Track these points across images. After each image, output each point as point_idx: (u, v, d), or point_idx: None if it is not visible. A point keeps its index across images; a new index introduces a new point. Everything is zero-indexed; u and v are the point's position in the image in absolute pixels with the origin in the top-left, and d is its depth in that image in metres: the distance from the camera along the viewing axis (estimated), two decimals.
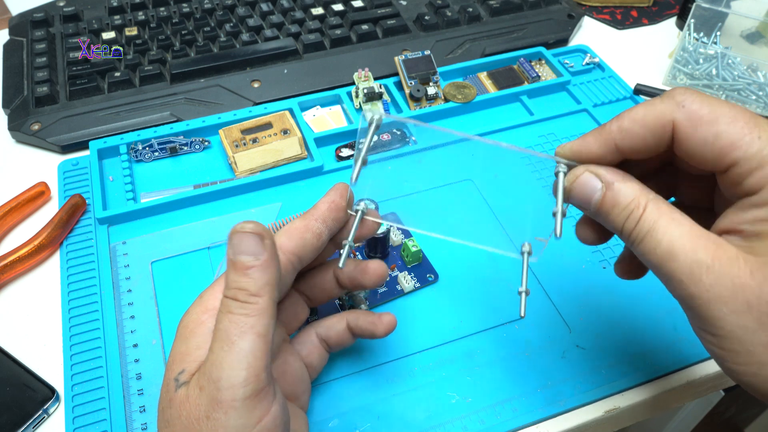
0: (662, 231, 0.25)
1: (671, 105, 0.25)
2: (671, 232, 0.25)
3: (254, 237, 0.25)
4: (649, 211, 0.25)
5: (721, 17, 0.58)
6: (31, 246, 0.42)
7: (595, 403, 0.36)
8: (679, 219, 0.25)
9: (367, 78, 0.55)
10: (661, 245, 0.25)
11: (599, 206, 0.27)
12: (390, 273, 0.41)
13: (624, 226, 0.26)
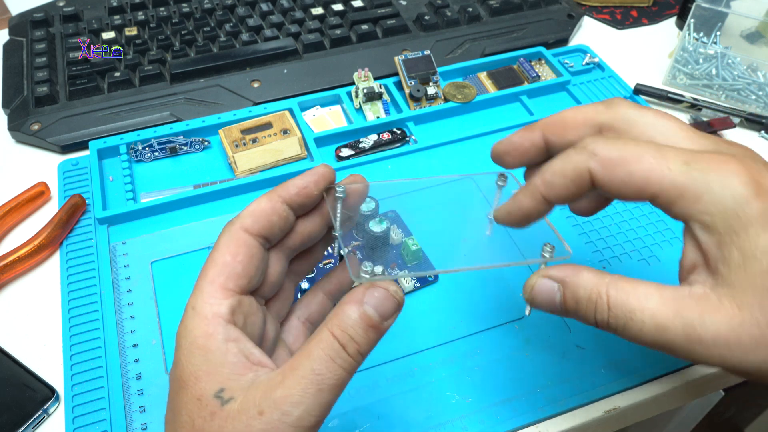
0: (639, 310, 0.25)
1: (584, 155, 0.27)
2: (647, 306, 0.25)
3: (395, 302, 0.26)
4: (614, 296, 0.26)
5: (721, 17, 0.58)
6: (31, 246, 0.42)
7: (595, 403, 0.36)
8: (647, 290, 0.26)
9: (367, 78, 0.55)
10: (645, 325, 0.25)
11: (564, 307, 0.28)
12: (390, 272, 0.41)
13: (597, 319, 0.26)
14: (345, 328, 0.25)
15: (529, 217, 0.29)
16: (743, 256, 0.24)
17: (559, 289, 0.27)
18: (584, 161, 0.27)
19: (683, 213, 0.25)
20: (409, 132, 0.52)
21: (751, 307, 0.23)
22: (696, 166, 0.25)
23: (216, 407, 0.24)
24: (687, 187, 0.25)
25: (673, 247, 0.44)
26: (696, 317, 0.24)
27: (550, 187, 0.28)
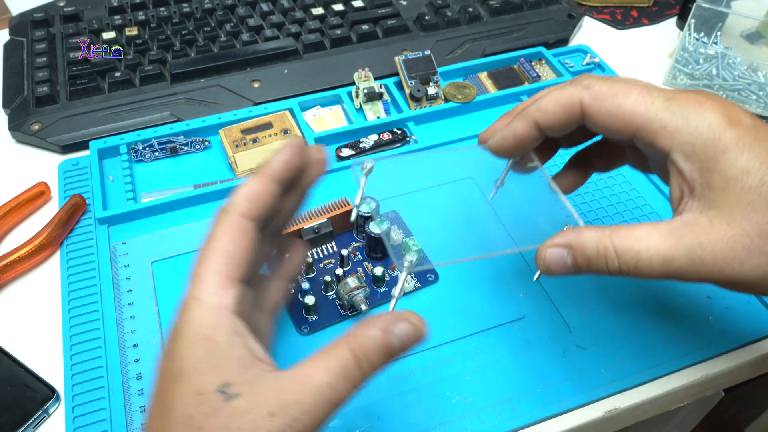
0: (644, 250, 0.27)
1: (578, 88, 0.30)
2: (650, 244, 0.27)
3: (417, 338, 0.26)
4: (618, 244, 0.28)
5: (721, 17, 0.58)
6: (31, 246, 0.42)
7: (596, 403, 0.36)
8: (645, 230, 0.28)
9: (367, 78, 0.55)
10: (653, 260, 0.27)
11: (577, 266, 0.29)
12: (390, 273, 0.41)
13: (609, 268, 0.28)
14: (366, 350, 0.25)
15: (519, 142, 0.32)
16: (724, 178, 0.26)
17: (568, 254, 0.29)
18: (578, 93, 0.29)
19: (665, 145, 0.28)
20: (410, 132, 0.52)
21: (740, 221, 0.26)
22: (675, 102, 0.28)
23: (218, 403, 0.23)
24: (668, 120, 0.27)
25: None
26: (694, 241, 0.27)
27: (544, 114, 0.30)
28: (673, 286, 0.41)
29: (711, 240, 0.26)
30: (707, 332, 0.39)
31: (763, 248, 0.26)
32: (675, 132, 0.27)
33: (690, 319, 0.40)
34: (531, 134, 0.31)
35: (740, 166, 0.26)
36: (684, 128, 0.27)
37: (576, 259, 0.29)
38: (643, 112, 0.28)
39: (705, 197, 0.27)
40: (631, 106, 0.28)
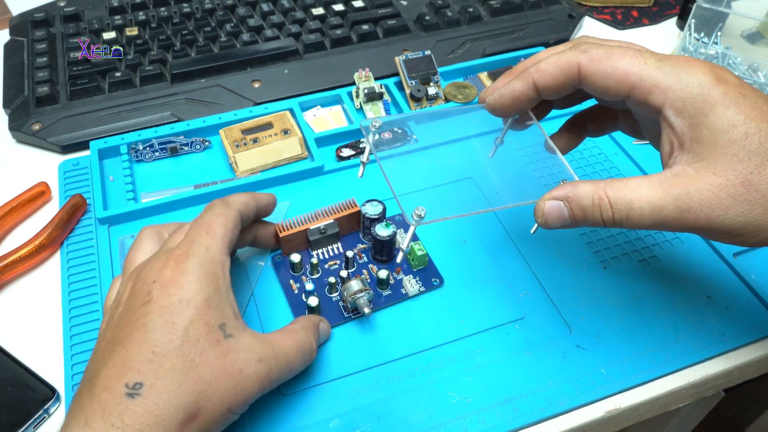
0: (635, 199, 0.29)
1: (576, 52, 0.31)
2: (641, 194, 0.29)
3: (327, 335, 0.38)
4: (612, 194, 0.30)
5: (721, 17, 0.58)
6: (31, 246, 0.42)
7: (596, 404, 0.36)
8: (636, 181, 0.30)
9: (367, 78, 0.55)
10: (644, 209, 0.29)
11: (573, 218, 0.31)
12: (395, 276, 0.41)
13: (604, 219, 0.30)
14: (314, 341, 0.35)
15: (516, 101, 0.34)
16: (712, 131, 0.28)
17: (565, 206, 0.31)
18: (576, 56, 0.31)
19: (658, 101, 0.29)
20: (410, 132, 0.52)
21: (725, 171, 0.28)
22: (667, 62, 0.30)
23: (220, 337, 0.29)
24: (660, 78, 0.29)
25: (673, 246, 0.44)
26: (682, 190, 0.28)
27: (542, 74, 0.32)
28: (674, 286, 0.41)
29: (698, 189, 0.28)
30: (708, 332, 0.39)
31: (746, 196, 0.28)
32: (667, 89, 0.29)
33: (690, 320, 0.40)
34: (528, 95, 0.33)
35: (727, 120, 0.28)
36: (675, 85, 0.29)
37: (573, 211, 0.31)
38: (637, 72, 0.30)
39: (693, 150, 0.29)
40: (626, 67, 0.30)
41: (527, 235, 0.44)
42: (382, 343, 0.38)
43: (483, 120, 0.38)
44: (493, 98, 0.35)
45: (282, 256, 0.42)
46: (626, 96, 0.31)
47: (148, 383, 0.27)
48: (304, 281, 0.41)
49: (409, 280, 0.41)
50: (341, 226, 0.42)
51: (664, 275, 0.42)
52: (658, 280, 0.42)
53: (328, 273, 0.41)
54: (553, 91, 0.33)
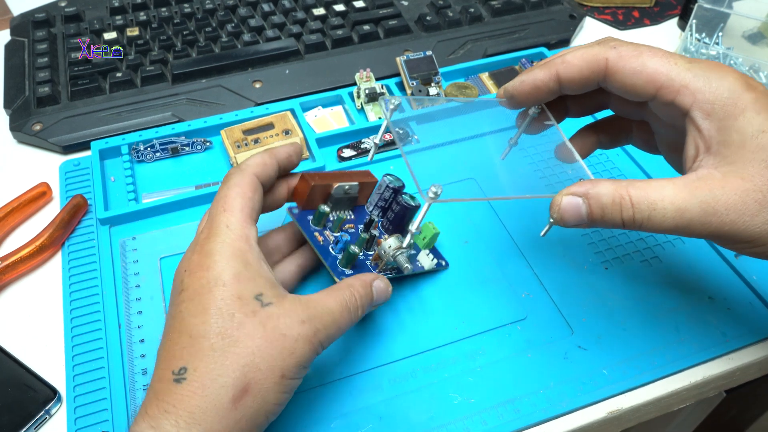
0: (659, 200, 0.28)
1: (605, 47, 0.31)
2: (665, 194, 0.28)
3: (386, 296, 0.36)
4: (634, 193, 0.29)
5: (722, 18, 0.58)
6: (32, 246, 0.42)
7: (598, 404, 0.36)
8: (660, 182, 0.29)
9: (368, 78, 0.55)
10: (667, 211, 0.28)
11: (591, 216, 0.30)
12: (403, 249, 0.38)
13: (623, 218, 0.29)
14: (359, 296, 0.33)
15: (536, 90, 0.33)
16: (741, 135, 0.28)
17: (584, 202, 0.30)
18: (604, 51, 0.31)
19: (686, 102, 0.29)
20: (411, 132, 0.52)
21: (753, 177, 0.27)
22: (697, 65, 0.29)
23: (257, 307, 0.29)
24: (690, 80, 0.29)
25: (675, 247, 0.44)
26: (708, 193, 0.28)
27: (567, 66, 0.32)
28: (676, 287, 0.41)
29: (725, 192, 0.28)
30: (709, 333, 0.39)
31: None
32: (696, 91, 0.29)
33: (692, 320, 0.40)
34: (549, 85, 0.33)
35: (756, 125, 0.28)
36: (705, 88, 0.28)
37: (591, 209, 0.30)
38: (667, 71, 0.29)
39: (721, 153, 0.28)
40: (655, 66, 0.30)
41: (529, 235, 0.44)
42: (384, 343, 0.38)
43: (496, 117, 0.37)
44: (513, 85, 0.34)
45: (299, 209, 0.39)
46: (652, 96, 0.30)
47: (191, 366, 0.28)
48: (327, 235, 0.38)
49: (426, 254, 0.41)
50: (360, 193, 0.40)
51: (665, 276, 0.42)
52: (660, 281, 0.42)
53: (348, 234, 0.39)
54: (576, 85, 0.32)
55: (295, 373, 0.29)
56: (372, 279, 0.34)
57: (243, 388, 0.27)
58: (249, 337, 0.28)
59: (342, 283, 0.33)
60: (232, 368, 0.27)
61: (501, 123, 0.39)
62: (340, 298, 0.32)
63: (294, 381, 0.29)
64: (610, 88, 0.32)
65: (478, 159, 0.49)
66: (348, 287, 0.33)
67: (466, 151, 0.50)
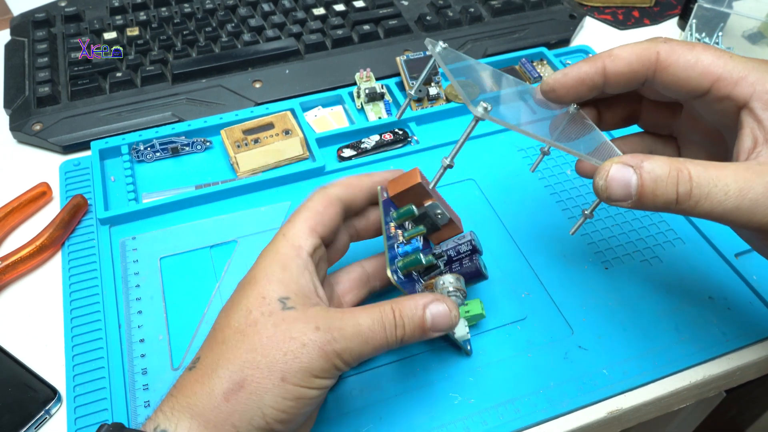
0: (722, 176, 0.27)
1: (656, 42, 0.31)
2: (729, 173, 0.27)
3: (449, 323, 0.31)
4: (694, 169, 0.27)
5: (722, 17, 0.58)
6: (32, 246, 0.42)
7: (598, 404, 0.36)
8: (717, 163, 0.27)
9: (368, 78, 0.55)
10: (730, 189, 0.27)
11: (642, 190, 0.28)
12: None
13: (679, 192, 0.27)
14: (404, 315, 0.30)
15: (581, 82, 0.32)
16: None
17: (635, 173, 0.28)
18: (655, 45, 0.30)
19: (745, 94, 0.29)
20: (411, 132, 0.52)
21: None
22: (751, 61, 0.29)
23: (276, 308, 0.29)
24: (748, 72, 0.29)
25: (675, 247, 0.44)
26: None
27: (615, 59, 0.31)
28: (676, 286, 0.41)
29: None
30: (709, 333, 0.39)
31: None
32: (756, 82, 0.28)
33: (692, 320, 0.40)
34: (594, 80, 0.31)
35: None
36: (765, 79, 0.28)
37: (643, 181, 0.27)
38: (723, 64, 0.29)
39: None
40: (711, 59, 0.29)
41: (529, 235, 0.44)
42: None
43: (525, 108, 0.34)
44: (555, 77, 0.33)
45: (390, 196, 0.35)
46: (707, 89, 0.30)
47: (203, 356, 0.29)
48: (399, 234, 0.35)
49: (464, 323, 0.37)
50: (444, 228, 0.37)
51: (665, 276, 0.42)
52: (660, 281, 0.42)
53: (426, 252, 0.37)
54: (623, 79, 0.31)
55: (299, 379, 0.28)
56: (428, 302, 0.31)
57: (238, 382, 0.27)
58: (258, 334, 0.28)
59: (386, 302, 0.30)
60: (232, 361, 0.28)
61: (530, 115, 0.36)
62: (374, 313, 0.30)
63: (298, 389, 0.28)
64: (659, 84, 0.31)
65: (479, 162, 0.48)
66: (391, 304, 0.30)
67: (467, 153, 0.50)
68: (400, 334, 0.30)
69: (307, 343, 0.28)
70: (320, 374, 0.28)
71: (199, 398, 0.27)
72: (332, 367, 0.28)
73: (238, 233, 0.44)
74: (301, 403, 0.28)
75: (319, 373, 0.28)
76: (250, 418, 0.27)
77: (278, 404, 0.27)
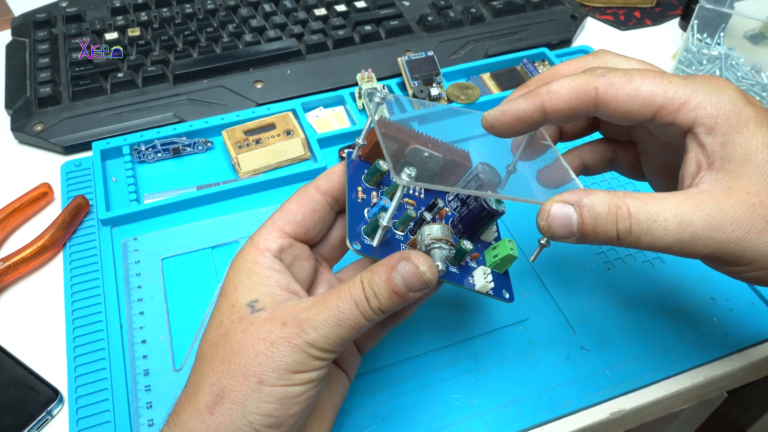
0: (661, 211, 0.26)
1: (593, 75, 0.29)
2: (667, 207, 0.27)
3: (421, 281, 0.27)
4: (633, 204, 0.27)
5: (724, 18, 0.58)
6: (34, 247, 0.42)
7: (600, 405, 0.36)
8: (658, 196, 0.27)
9: (370, 79, 0.55)
10: (669, 223, 0.26)
11: (582, 227, 0.28)
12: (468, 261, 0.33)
13: (619, 230, 0.27)
14: (373, 284, 0.27)
15: (519, 120, 0.30)
16: (745, 150, 0.27)
17: (575, 211, 0.27)
18: (593, 80, 0.29)
19: (687, 119, 0.28)
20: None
21: (758, 192, 0.26)
22: (692, 81, 0.28)
23: (245, 313, 0.28)
24: (689, 96, 0.28)
25: None
26: (714, 206, 0.26)
27: (554, 96, 0.29)
28: (678, 287, 0.41)
29: (732, 205, 0.26)
30: (711, 334, 0.39)
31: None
32: (697, 107, 0.27)
33: (694, 321, 0.40)
34: (533, 117, 0.30)
35: (760, 139, 0.27)
36: (706, 102, 0.27)
37: (583, 218, 0.27)
38: (663, 92, 0.28)
39: (724, 168, 0.27)
40: (650, 88, 0.28)
41: (530, 236, 0.44)
42: (386, 344, 0.38)
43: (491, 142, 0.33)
44: (493, 114, 0.31)
45: (359, 157, 0.33)
46: (650, 118, 0.29)
47: (190, 374, 0.29)
48: (374, 197, 0.32)
49: (484, 272, 0.32)
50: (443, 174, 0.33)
51: (667, 277, 0.42)
52: (662, 282, 0.42)
53: (401, 208, 0.33)
54: (564, 116, 0.30)
55: (276, 378, 0.27)
56: (393, 263, 0.28)
57: (218, 393, 0.27)
58: (228, 343, 0.28)
59: (358, 274, 0.28)
60: (210, 375, 0.28)
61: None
62: (343, 292, 0.28)
63: (278, 389, 0.27)
64: (603, 116, 0.30)
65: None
66: (362, 276, 0.28)
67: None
68: (375, 305, 0.27)
69: (276, 340, 0.27)
70: (298, 368, 0.27)
71: (188, 416, 0.27)
72: (309, 359, 0.27)
73: (239, 234, 0.44)
74: (286, 404, 0.27)
75: (296, 367, 0.27)
76: (238, 428, 0.26)
77: (261, 409, 0.27)
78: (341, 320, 0.27)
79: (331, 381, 0.32)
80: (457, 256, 0.31)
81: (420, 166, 0.31)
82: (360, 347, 0.34)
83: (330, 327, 0.27)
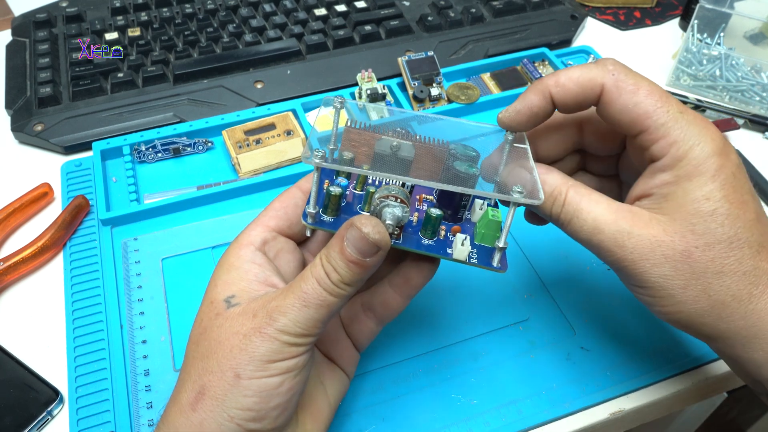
0: (586, 211, 0.29)
1: (603, 71, 0.30)
2: (593, 210, 0.29)
3: (370, 244, 0.27)
4: (571, 195, 0.30)
5: (724, 18, 0.58)
6: (34, 247, 0.42)
7: (600, 405, 0.36)
8: (598, 198, 0.30)
9: (370, 79, 0.55)
10: (587, 223, 0.29)
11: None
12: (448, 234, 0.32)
13: (552, 212, 0.30)
14: (330, 258, 0.28)
15: (535, 116, 0.32)
16: (685, 196, 0.28)
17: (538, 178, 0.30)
18: (601, 76, 0.30)
19: (659, 152, 0.29)
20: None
21: (673, 234, 0.28)
22: (687, 116, 0.29)
23: (222, 309, 0.29)
24: (674, 131, 0.29)
25: None
26: (627, 227, 0.29)
27: (561, 89, 0.31)
28: None
29: (641, 234, 0.28)
30: None
31: (678, 265, 0.28)
32: (674, 144, 0.29)
33: None
34: (545, 108, 0.32)
35: (704, 192, 0.28)
36: (680, 142, 0.28)
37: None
38: (656, 118, 0.29)
39: (659, 204, 0.29)
40: (650, 108, 0.29)
41: (531, 236, 0.44)
42: (386, 344, 0.38)
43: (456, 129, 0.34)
44: (508, 115, 0.32)
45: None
46: (634, 135, 0.30)
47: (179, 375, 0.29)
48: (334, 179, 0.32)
49: (462, 240, 0.30)
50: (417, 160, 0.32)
51: None
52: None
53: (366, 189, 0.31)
54: (570, 104, 0.31)
55: (252, 371, 0.27)
56: (342, 232, 0.27)
57: (199, 390, 0.27)
58: (207, 340, 0.28)
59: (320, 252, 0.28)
60: (191, 372, 0.28)
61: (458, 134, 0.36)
62: (305, 272, 0.28)
63: (256, 381, 0.27)
64: (598, 112, 0.31)
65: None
66: (322, 252, 0.28)
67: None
68: (336, 279, 0.27)
69: (247, 332, 0.27)
70: (273, 357, 0.27)
71: (174, 415, 0.28)
72: (282, 346, 0.27)
73: None
74: (266, 396, 0.27)
75: (270, 356, 0.27)
76: (220, 424, 0.27)
77: (240, 403, 0.27)
78: (306, 300, 0.27)
79: (326, 376, 0.32)
80: (426, 225, 0.30)
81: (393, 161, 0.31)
82: (356, 344, 0.34)
83: (297, 310, 0.27)
